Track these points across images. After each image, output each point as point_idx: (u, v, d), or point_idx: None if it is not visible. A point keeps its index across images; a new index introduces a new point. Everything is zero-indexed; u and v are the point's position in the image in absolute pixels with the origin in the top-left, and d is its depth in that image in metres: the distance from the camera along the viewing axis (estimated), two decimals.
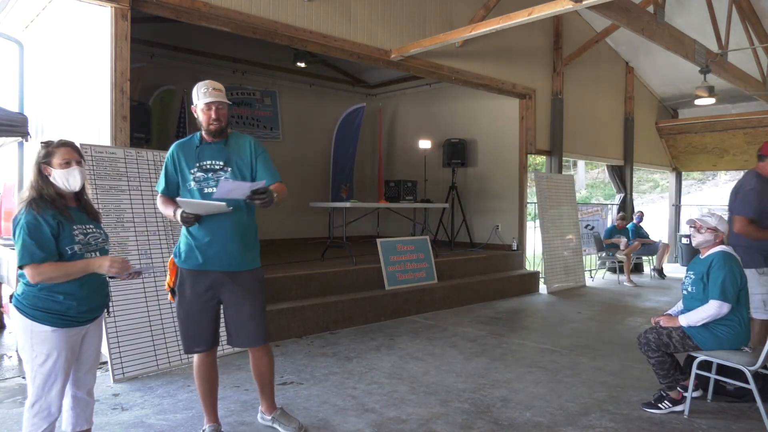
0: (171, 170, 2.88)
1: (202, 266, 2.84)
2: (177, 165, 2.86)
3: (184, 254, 2.87)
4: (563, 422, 3.34)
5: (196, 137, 2.91)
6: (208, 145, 2.87)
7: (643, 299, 7.83)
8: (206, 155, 2.85)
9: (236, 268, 2.88)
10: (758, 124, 10.71)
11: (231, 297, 2.89)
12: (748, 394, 3.44)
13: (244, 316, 2.90)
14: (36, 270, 2.19)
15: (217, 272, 2.85)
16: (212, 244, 2.81)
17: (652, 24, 6.06)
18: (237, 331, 2.94)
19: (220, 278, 2.86)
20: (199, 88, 2.82)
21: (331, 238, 7.28)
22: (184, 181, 2.85)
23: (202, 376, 2.98)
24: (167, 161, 2.88)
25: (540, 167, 17.16)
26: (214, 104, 2.79)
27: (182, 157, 2.86)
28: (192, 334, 2.91)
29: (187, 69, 8.39)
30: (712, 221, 3.49)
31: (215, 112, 2.80)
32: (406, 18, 6.63)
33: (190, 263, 2.85)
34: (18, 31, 6.76)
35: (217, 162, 2.84)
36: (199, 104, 2.81)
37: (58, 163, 2.32)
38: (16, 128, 5.79)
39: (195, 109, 2.85)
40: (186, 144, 2.91)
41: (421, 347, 5.00)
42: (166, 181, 2.89)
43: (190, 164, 2.84)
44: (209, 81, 2.85)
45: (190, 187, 2.83)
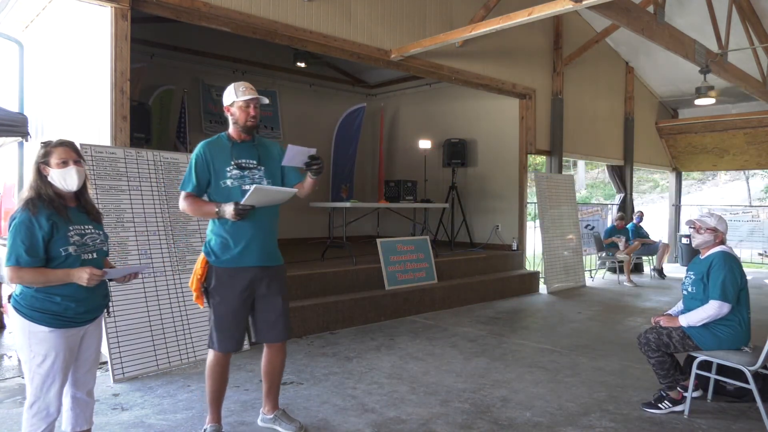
0: (202, 168, 2.86)
1: (241, 262, 2.86)
2: (209, 163, 2.86)
3: (220, 252, 2.87)
4: (563, 422, 3.34)
5: (224, 137, 2.96)
6: (240, 144, 2.94)
7: (643, 299, 7.83)
8: (242, 154, 2.91)
9: (272, 262, 2.95)
10: (758, 124, 10.71)
11: (267, 292, 2.93)
12: (748, 394, 3.44)
13: (278, 311, 2.96)
14: (16, 273, 2.20)
15: (255, 268, 2.88)
16: (252, 240, 2.86)
17: (652, 24, 6.06)
18: (271, 326, 2.97)
19: (258, 274, 2.90)
20: (237, 87, 2.89)
21: (331, 238, 7.28)
22: (218, 179, 2.86)
23: (217, 376, 2.96)
24: (196, 160, 2.86)
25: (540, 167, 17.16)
26: (252, 101, 2.87)
27: (215, 155, 2.88)
28: (232, 333, 2.90)
29: (187, 69, 8.41)
30: (712, 221, 3.49)
31: (253, 110, 2.88)
32: (406, 18, 6.63)
33: (229, 261, 2.86)
34: (18, 31, 6.76)
35: (251, 160, 2.92)
36: (237, 102, 2.87)
37: (55, 163, 2.31)
38: (16, 128, 5.79)
39: (229, 108, 2.92)
40: (215, 143, 2.93)
41: (421, 347, 5.00)
42: (198, 180, 2.85)
43: (226, 162, 2.87)
44: (243, 81, 2.95)
45: (225, 185, 2.85)
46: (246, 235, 2.85)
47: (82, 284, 2.25)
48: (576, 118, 9.43)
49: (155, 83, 7.89)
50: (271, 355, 3.07)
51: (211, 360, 2.95)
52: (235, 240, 2.85)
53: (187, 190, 2.88)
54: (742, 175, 22.19)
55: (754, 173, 21.95)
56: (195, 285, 2.93)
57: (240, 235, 2.84)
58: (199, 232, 4.69)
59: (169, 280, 4.39)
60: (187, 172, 2.89)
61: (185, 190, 2.89)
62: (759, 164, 11.66)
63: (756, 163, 11.58)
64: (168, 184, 4.59)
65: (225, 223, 2.85)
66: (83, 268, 2.25)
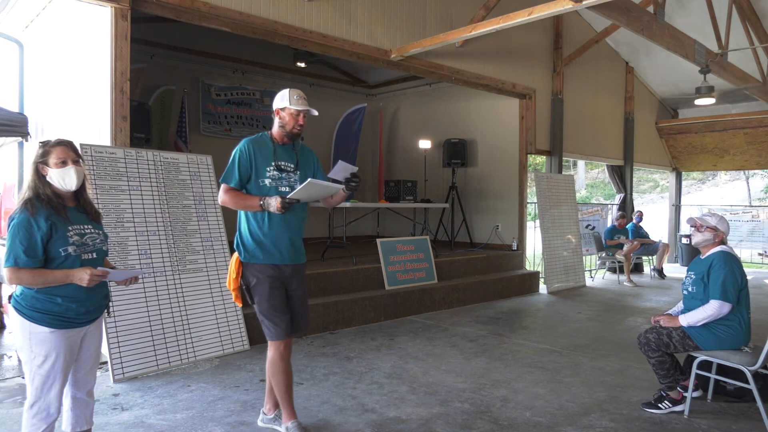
0: (246, 164, 2.93)
1: (275, 260, 2.95)
2: (252, 160, 2.94)
3: (254, 250, 2.93)
4: (563, 422, 3.34)
5: (267, 136, 3.05)
6: (282, 147, 3.04)
7: (643, 299, 7.83)
8: (284, 157, 3.02)
9: (300, 260, 3.08)
10: (758, 124, 10.71)
11: (298, 286, 3.05)
12: (748, 394, 3.44)
13: (306, 303, 3.12)
14: (15, 274, 2.20)
15: (288, 266, 2.99)
16: (286, 239, 2.96)
17: (652, 24, 6.06)
18: (299, 318, 3.07)
19: (290, 271, 3.00)
20: (291, 94, 3.00)
21: (331, 238, 7.28)
22: (258, 176, 2.94)
23: (283, 370, 2.99)
24: (240, 155, 2.92)
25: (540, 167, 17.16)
26: (303, 112, 2.99)
27: (257, 153, 2.96)
28: (285, 319, 2.96)
29: (187, 69, 8.41)
30: (712, 220, 3.50)
31: (302, 119, 3.00)
32: (406, 18, 6.63)
33: (264, 258, 2.93)
34: (18, 31, 6.76)
35: (289, 164, 3.03)
36: (290, 108, 2.97)
37: (54, 163, 2.30)
38: (16, 128, 5.79)
39: (279, 111, 3.01)
40: (259, 141, 3.01)
41: (421, 347, 5.00)
42: (240, 175, 2.92)
43: (267, 162, 2.96)
44: (298, 90, 3.08)
45: (263, 183, 2.93)
46: (280, 233, 2.94)
47: (83, 285, 2.24)
48: (576, 118, 9.43)
49: (155, 83, 7.89)
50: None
51: (273, 355, 2.98)
52: (271, 239, 2.93)
53: (230, 184, 2.94)
54: (742, 175, 22.19)
55: (754, 173, 21.95)
56: (232, 285, 3.01)
57: (275, 233, 2.94)
58: (199, 232, 4.70)
59: (169, 280, 4.39)
60: (230, 166, 2.94)
61: (228, 184, 2.94)
62: (759, 164, 11.66)
63: (756, 163, 11.58)
64: (168, 184, 4.59)
65: (260, 221, 2.93)
66: (83, 269, 2.24)
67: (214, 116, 8.75)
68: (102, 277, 2.27)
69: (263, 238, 2.93)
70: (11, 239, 2.20)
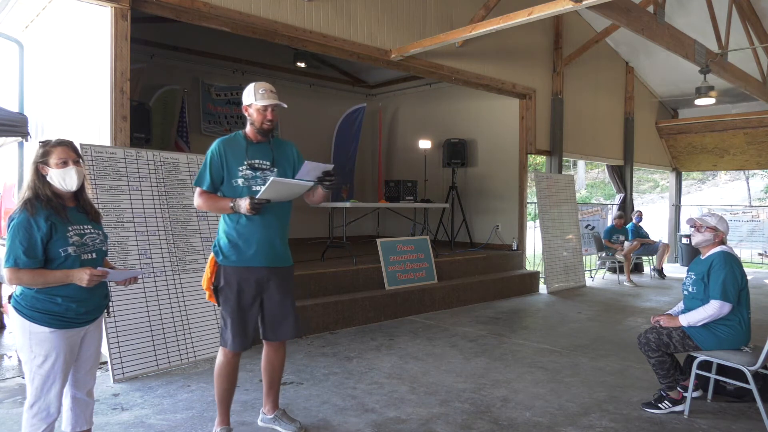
0: (217, 165, 2.87)
1: (249, 262, 2.86)
2: (224, 161, 2.87)
3: (228, 252, 2.87)
4: (563, 422, 3.34)
5: (240, 135, 2.96)
6: (256, 145, 2.94)
7: (643, 299, 7.82)
8: (257, 155, 2.92)
9: (281, 263, 2.96)
10: (758, 124, 10.71)
11: (276, 291, 2.94)
12: (748, 394, 3.44)
13: (287, 310, 2.98)
14: (15, 274, 2.19)
15: (263, 268, 2.89)
16: (261, 240, 2.86)
17: (652, 24, 6.06)
18: (278, 324, 2.98)
19: (266, 274, 2.90)
20: (256, 89, 2.89)
21: (331, 238, 7.28)
22: (231, 177, 2.87)
23: (227, 377, 2.95)
24: (212, 157, 2.87)
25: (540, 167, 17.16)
26: (270, 107, 2.89)
27: (229, 153, 2.89)
28: (244, 331, 2.90)
29: (187, 69, 8.41)
30: (712, 221, 3.50)
31: (270, 113, 2.90)
32: (406, 18, 6.63)
33: (237, 260, 2.86)
34: (18, 31, 6.76)
35: (264, 161, 2.92)
36: (256, 104, 2.87)
37: (54, 163, 2.30)
38: (16, 128, 5.79)
39: (247, 108, 2.92)
40: (231, 141, 2.94)
41: (421, 347, 5.00)
42: (212, 177, 2.87)
43: (239, 161, 2.87)
44: (264, 83, 2.96)
45: (236, 184, 2.86)
46: (255, 234, 2.86)
47: (82, 285, 2.24)
48: (576, 118, 9.43)
49: (155, 83, 7.89)
50: (270, 353, 3.08)
51: (221, 360, 2.94)
52: (245, 239, 2.85)
53: (202, 187, 2.90)
54: (742, 175, 22.18)
55: (754, 173, 21.94)
56: (206, 284, 2.96)
57: (249, 234, 2.85)
58: (198, 232, 4.69)
59: (169, 280, 4.39)
60: (202, 169, 2.90)
61: (200, 187, 2.90)
62: (759, 164, 11.66)
63: (756, 163, 11.58)
64: (168, 184, 4.59)
65: (236, 222, 2.86)
66: (83, 269, 2.24)
67: (214, 116, 8.75)
68: (102, 278, 2.27)
69: (237, 239, 2.85)
70: (11, 239, 2.20)
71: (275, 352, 3.08)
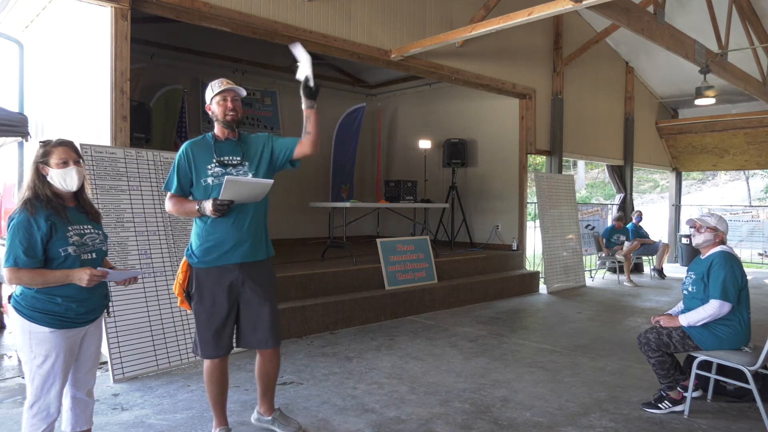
0: (185, 168, 2.82)
1: (219, 261, 2.79)
2: (191, 162, 2.81)
3: (198, 252, 2.81)
4: (563, 422, 3.34)
5: (209, 136, 2.90)
6: (223, 142, 2.88)
7: (643, 299, 7.82)
8: (224, 151, 2.85)
9: (253, 257, 2.85)
10: (758, 124, 10.71)
11: (252, 296, 2.85)
12: (748, 394, 3.45)
13: (264, 317, 2.87)
14: (15, 274, 2.19)
15: (235, 267, 2.81)
16: (230, 239, 2.78)
17: (652, 24, 6.06)
18: (251, 332, 2.89)
19: (240, 277, 2.82)
20: (212, 84, 2.87)
21: (331, 238, 7.28)
22: (199, 177, 2.81)
23: (215, 381, 2.91)
24: (179, 159, 2.82)
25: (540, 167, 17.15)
26: (229, 93, 2.82)
27: (196, 154, 2.83)
28: (214, 338, 2.82)
29: (187, 69, 8.41)
30: (712, 221, 3.50)
31: (231, 102, 2.82)
32: (406, 18, 6.63)
33: (207, 261, 2.80)
34: (18, 31, 6.76)
35: (234, 157, 2.85)
36: (215, 97, 2.82)
37: (55, 163, 2.30)
38: (16, 128, 5.79)
39: (209, 107, 2.87)
40: (199, 142, 2.88)
41: (421, 347, 5.00)
42: (179, 180, 2.82)
43: (207, 160, 2.81)
44: (221, 78, 2.90)
45: (206, 183, 2.79)
46: (224, 233, 2.78)
47: (82, 285, 2.24)
48: (576, 118, 9.43)
49: (155, 83, 7.89)
50: (264, 360, 3.02)
51: (206, 365, 2.91)
52: (215, 240, 2.78)
53: (170, 190, 2.85)
54: (742, 175, 22.19)
55: (754, 173, 21.94)
56: (177, 289, 2.88)
57: (219, 234, 2.78)
58: None
59: (169, 280, 4.39)
60: (170, 173, 2.85)
61: (169, 191, 2.86)
62: (759, 164, 11.66)
63: (756, 163, 11.59)
64: None
65: (205, 222, 2.81)
66: (83, 269, 2.24)
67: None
68: (102, 278, 2.27)
69: (207, 239, 2.78)
70: (11, 239, 2.20)
71: (269, 361, 3.00)
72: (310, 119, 2.87)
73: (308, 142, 2.90)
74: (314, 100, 2.84)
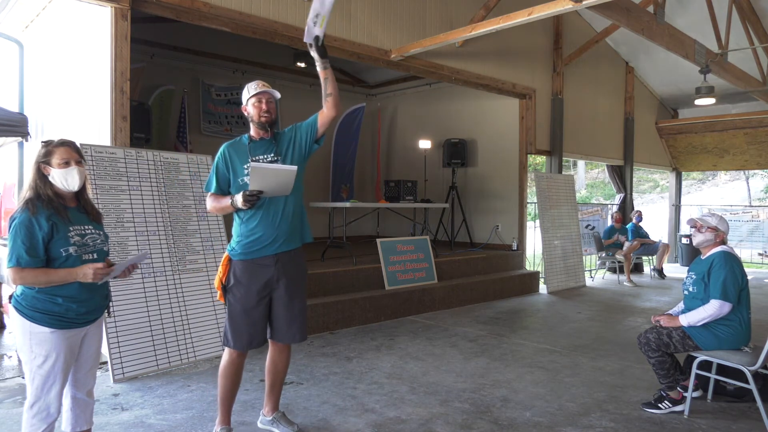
0: (222, 168, 2.92)
1: (258, 254, 2.88)
2: (229, 162, 2.91)
3: (238, 246, 2.90)
4: (563, 422, 3.34)
5: (245, 138, 2.99)
6: (258, 141, 2.97)
7: (643, 299, 7.83)
8: (259, 150, 2.94)
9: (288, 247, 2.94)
10: (758, 124, 10.71)
11: (284, 292, 2.94)
12: (748, 394, 3.45)
13: (294, 313, 2.97)
14: (18, 274, 2.19)
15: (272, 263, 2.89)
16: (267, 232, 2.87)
17: (652, 24, 6.06)
18: (282, 327, 2.97)
19: (275, 274, 2.90)
20: (249, 86, 2.94)
21: (331, 238, 7.28)
22: (237, 177, 2.91)
23: (230, 377, 2.95)
24: (218, 160, 2.93)
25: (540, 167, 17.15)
26: (264, 95, 2.90)
27: (234, 154, 2.93)
28: (247, 330, 2.90)
29: (187, 69, 8.41)
30: (713, 221, 3.50)
31: (266, 104, 2.91)
32: (406, 18, 6.63)
33: (247, 252, 2.88)
34: (18, 31, 6.76)
35: (269, 155, 2.94)
36: (250, 99, 2.90)
37: (57, 163, 2.30)
38: (16, 128, 5.79)
39: (245, 108, 2.95)
40: (236, 143, 2.98)
41: (421, 347, 5.00)
42: (218, 180, 2.93)
43: (243, 160, 2.91)
44: (258, 80, 2.99)
45: (243, 182, 2.88)
46: (262, 227, 2.87)
47: (88, 281, 2.24)
48: (576, 118, 9.43)
49: (155, 83, 7.89)
50: (275, 354, 3.08)
51: (226, 359, 2.95)
52: (252, 232, 2.88)
53: (210, 191, 2.96)
54: (742, 175, 22.19)
55: (754, 173, 21.95)
56: (217, 283, 2.98)
57: (256, 227, 2.87)
58: (199, 232, 4.70)
59: (169, 280, 4.39)
60: (210, 174, 2.97)
61: (208, 191, 2.97)
62: (759, 164, 11.66)
63: (756, 163, 11.59)
64: (168, 184, 4.59)
65: (242, 218, 2.91)
66: (86, 265, 2.24)
67: (214, 116, 8.75)
68: (108, 271, 2.26)
69: (246, 234, 2.88)
70: (13, 239, 2.20)
71: (279, 354, 3.07)
72: (328, 80, 2.93)
73: (331, 104, 2.95)
74: (327, 59, 2.90)
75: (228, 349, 2.94)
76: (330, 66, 2.93)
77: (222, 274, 2.95)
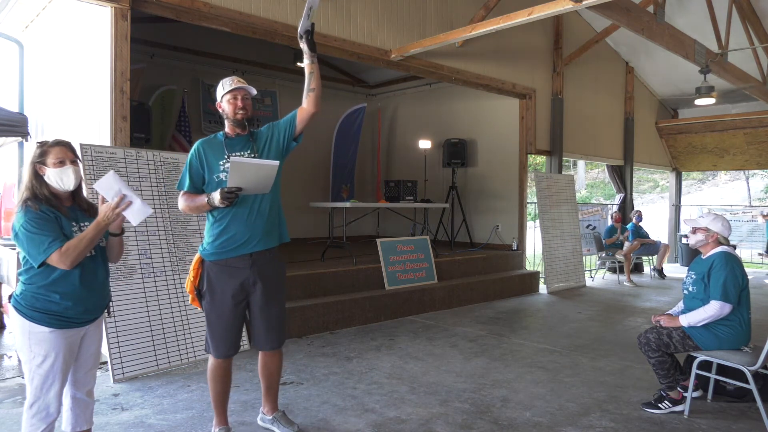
0: (196, 165, 2.84)
1: (232, 253, 2.80)
2: (203, 159, 2.84)
3: (211, 247, 2.83)
4: (563, 422, 3.33)
5: (220, 134, 2.92)
6: (234, 139, 2.90)
7: (643, 299, 7.82)
8: (235, 147, 2.87)
9: (264, 246, 2.86)
10: (758, 124, 10.71)
11: (261, 296, 2.87)
12: (748, 394, 3.44)
13: (270, 318, 2.90)
14: (61, 255, 2.18)
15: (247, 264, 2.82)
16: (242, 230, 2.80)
17: (652, 24, 6.06)
18: (263, 334, 2.92)
19: (251, 276, 2.83)
20: (223, 82, 2.88)
21: (331, 238, 7.28)
22: (212, 173, 2.83)
23: (219, 380, 2.92)
24: (191, 158, 2.85)
25: (540, 167, 17.15)
26: (239, 92, 2.84)
27: (208, 151, 2.86)
28: (225, 336, 2.85)
29: (187, 69, 8.41)
30: (703, 221, 3.50)
31: (241, 101, 2.84)
32: (406, 18, 6.63)
33: (219, 254, 2.81)
34: (18, 31, 6.76)
35: (245, 152, 2.87)
36: (225, 95, 2.85)
37: (52, 163, 2.30)
38: (16, 128, 5.79)
39: (220, 105, 2.89)
40: (210, 140, 2.91)
41: (421, 347, 5.00)
42: (191, 177, 2.84)
43: (219, 156, 2.83)
44: (233, 76, 2.92)
45: (219, 179, 2.81)
46: (236, 226, 2.79)
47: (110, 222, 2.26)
48: (576, 118, 9.43)
49: (155, 83, 7.89)
50: (267, 359, 3.03)
51: (211, 363, 2.92)
52: (226, 231, 2.80)
53: (183, 189, 2.88)
54: (742, 175, 22.19)
55: (754, 173, 21.95)
56: (189, 287, 2.90)
57: (230, 226, 2.80)
58: (198, 232, 4.70)
59: (169, 280, 4.39)
60: (183, 172, 2.88)
61: (181, 189, 2.88)
62: (759, 164, 11.66)
63: (756, 163, 11.58)
64: (168, 184, 4.59)
65: (215, 216, 2.83)
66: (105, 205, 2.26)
67: (214, 116, 8.74)
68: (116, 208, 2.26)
69: (219, 233, 2.80)
70: (29, 236, 2.18)
71: (270, 358, 3.02)
72: (314, 75, 2.92)
73: (312, 99, 2.92)
74: (316, 53, 2.89)
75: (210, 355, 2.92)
76: (317, 61, 2.90)
77: (194, 278, 2.87)
